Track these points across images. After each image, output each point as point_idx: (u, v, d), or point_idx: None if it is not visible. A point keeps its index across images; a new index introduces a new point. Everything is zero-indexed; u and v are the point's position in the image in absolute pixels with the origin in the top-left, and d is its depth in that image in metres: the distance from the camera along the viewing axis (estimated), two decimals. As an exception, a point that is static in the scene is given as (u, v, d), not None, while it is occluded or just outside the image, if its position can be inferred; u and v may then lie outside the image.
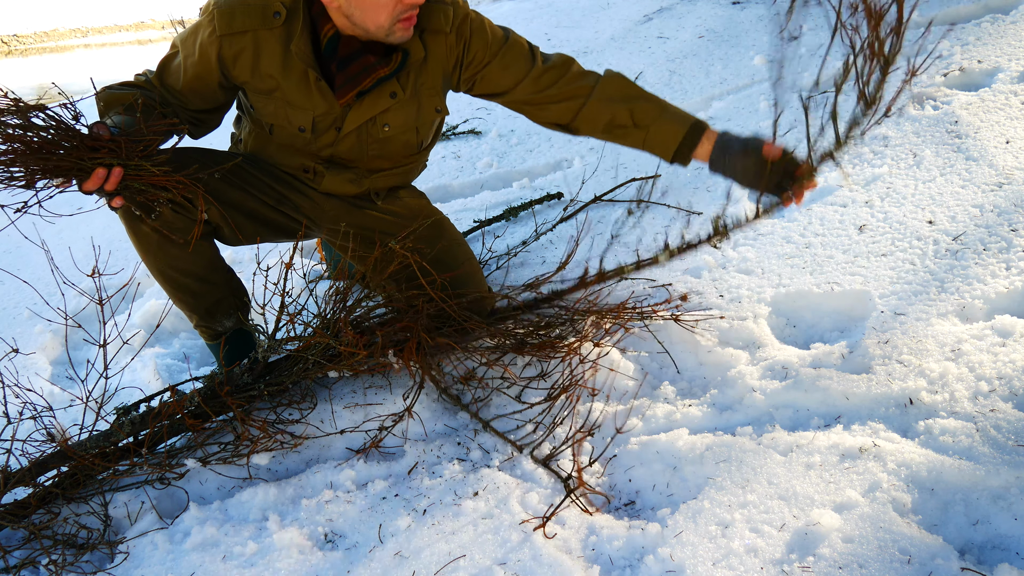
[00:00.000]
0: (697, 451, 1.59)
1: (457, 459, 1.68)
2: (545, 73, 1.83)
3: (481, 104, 3.94)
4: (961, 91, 2.79)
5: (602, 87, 1.83)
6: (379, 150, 1.89)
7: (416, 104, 1.84)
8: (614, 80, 1.84)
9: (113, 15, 16.39)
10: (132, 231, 1.76)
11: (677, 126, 1.78)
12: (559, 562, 1.37)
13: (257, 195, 1.89)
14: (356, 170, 1.93)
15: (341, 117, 1.79)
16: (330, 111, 1.78)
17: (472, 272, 2.03)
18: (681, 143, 1.78)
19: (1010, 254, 1.97)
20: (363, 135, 1.85)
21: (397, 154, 1.93)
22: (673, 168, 2.81)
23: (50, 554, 1.49)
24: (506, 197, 2.95)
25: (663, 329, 1.98)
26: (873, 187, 2.39)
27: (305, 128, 1.80)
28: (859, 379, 1.71)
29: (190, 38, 1.73)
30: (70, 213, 1.82)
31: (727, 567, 1.32)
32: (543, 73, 1.83)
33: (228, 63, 1.71)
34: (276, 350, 1.75)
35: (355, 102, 1.77)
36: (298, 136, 1.82)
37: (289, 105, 1.76)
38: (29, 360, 2.27)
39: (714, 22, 4.21)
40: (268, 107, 1.78)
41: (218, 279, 1.92)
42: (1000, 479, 1.43)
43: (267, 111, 1.79)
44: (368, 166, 1.93)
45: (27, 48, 14.22)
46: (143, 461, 1.65)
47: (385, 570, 1.41)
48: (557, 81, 1.83)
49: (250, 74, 1.72)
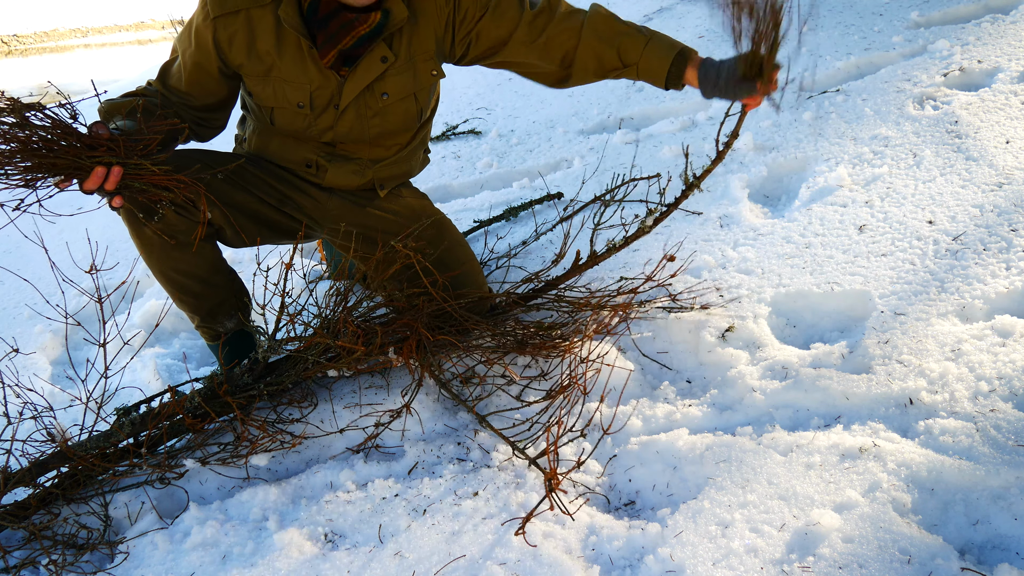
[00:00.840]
0: (697, 451, 1.59)
1: (457, 459, 1.68)
2: (537, 17, 1.84)
3: (481, 104, 3.95)
4: (961, 91, 2.79)
5: (590, 25, 1.84)
6: (380, 124, 1.88)
7: (412, 69, 1.83)
8: (599, 16, 1.85)
9: (113, 15, 16.39)
10: (135, 233, 1.76)
11: (663, 57, 1.81)
12: (559, 562, 1.37)
13: (260, 196, 1.89)
14: (359, 161, 1.93)
15: (338, 92, 1.79)
16: (326, 84, 1.77)
17: (472, 272, 2.03)
18: (669, 72, 1.81)
19: (1010, 254, 1.97)
20: (362, 109, 1.84)
21: (398, 127, 1.91)
22: (674, 168, 2.81)
23: (50, 554, 1.50)
24: (506, 197, 2.95)
25: (663, 329, 1.98)
26: (873, 187, 2.39)
27: (304, 104, 1.79)
28: (859, 379, 1.71)
29: (186, 32, 1.75)
30: (70, 213, 1.83)
31: (727, 567, 1.32)
32: (535, 17, 1.84)
33: (224, 46, 1.71)
34: (276, 350, 1.75)
35: (349, 74, 1.77)
36: (298, 117, 1.82)
37: (286, 83, 1.76)
38: (29, 360, 2.27)
39: (714, 22, 4.21)
40: (266, 90, 1.78)
41: (220, 281, 1.92)
42: (1000, 479, 1.43)
43: (265, 94, 1.79)
44: (371, 155, 1.93)
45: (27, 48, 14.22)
46: (143, 462, 1.65)
47: (385, 570, 1.41)
48: (548, 24, 1.84)
49: (246, 55, 1.73)
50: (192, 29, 1.72)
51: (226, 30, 1.69)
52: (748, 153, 2.78)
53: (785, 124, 2.91)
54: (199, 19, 1.71)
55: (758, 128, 2.94)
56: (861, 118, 2.80)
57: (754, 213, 2.46)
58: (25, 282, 2.39)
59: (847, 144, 2.67)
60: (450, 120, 3.82)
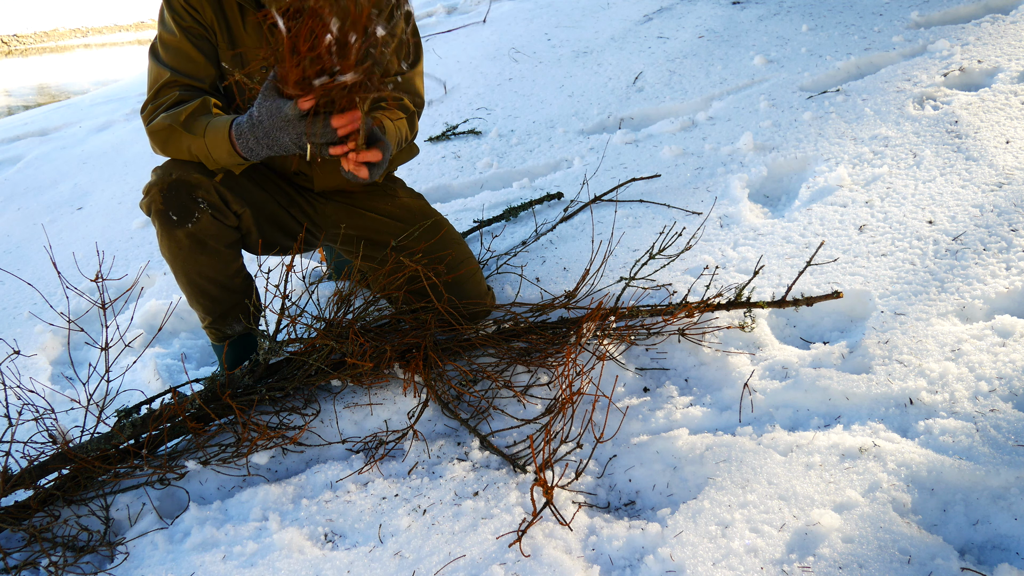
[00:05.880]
0: (697, 451, 1.59)
1: (457, 459, 1.68)
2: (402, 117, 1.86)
3: (481, 104, 3.95)
4: (961, 91, 2.79)
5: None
6: None
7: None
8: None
9: (113, 15, 16.40)
10: (166, 235, 1.75)
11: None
12: (559, 562, 1.37)
13: (273, 195, 1.91)
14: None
15: None
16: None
17: (471, 272, 2.04)
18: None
19: (1010, 254, 1.97)
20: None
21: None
22: (674, 168, 2.82)
23: (50, 556, 1.50)
24: (506, 197, 2.95)
25: (663, 330, 1.98)
26: (873, 187, 2.39)
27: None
28: (859, 379, 1.71)
29: (160, 30, 1.76)
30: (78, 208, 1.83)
31: (727, 567, 1.32)
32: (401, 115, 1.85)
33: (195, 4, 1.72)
34: (277, 352, 1.75)
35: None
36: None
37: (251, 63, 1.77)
38: (30, 361, 2.27)
39: (714, 22, 4.21)
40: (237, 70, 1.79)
41: (238, 286, 1.93)
42: (1000, 479, 1.43)
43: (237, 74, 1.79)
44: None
45: (27, 48, 14.21)
46: (143, 463, 1.65)
47: (385, 570, 1.41)
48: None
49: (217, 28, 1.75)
50: (165, 20, 1.74)
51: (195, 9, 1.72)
52: (748, 153, 2.78)
53: (785, 124, 2.91)
54: (166, 9, 1.74)
55: (758, 128, 2.94)
56: (861, 118, 2.80)
57: (754, 213, 2.46)
58: (26, 284, 2.40)
59: (847, 144, 2.67)
60: (450, 120, 3.82)
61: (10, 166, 4.38)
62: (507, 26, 5.13)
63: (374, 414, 1.83)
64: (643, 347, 1.96)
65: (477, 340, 1.91)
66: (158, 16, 1.81)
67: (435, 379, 1.83)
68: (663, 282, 2.14)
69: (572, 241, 2.47)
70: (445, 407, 1.80)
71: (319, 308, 1.83)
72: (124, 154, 4.17)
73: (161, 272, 2.74)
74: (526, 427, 1.76)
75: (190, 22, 1.73)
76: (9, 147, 4.80)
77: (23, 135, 5.08)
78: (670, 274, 2.18)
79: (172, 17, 1.73)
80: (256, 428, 1.70)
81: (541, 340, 1.93)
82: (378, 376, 1.83)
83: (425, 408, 1.79)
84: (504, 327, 1.98)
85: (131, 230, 3.17)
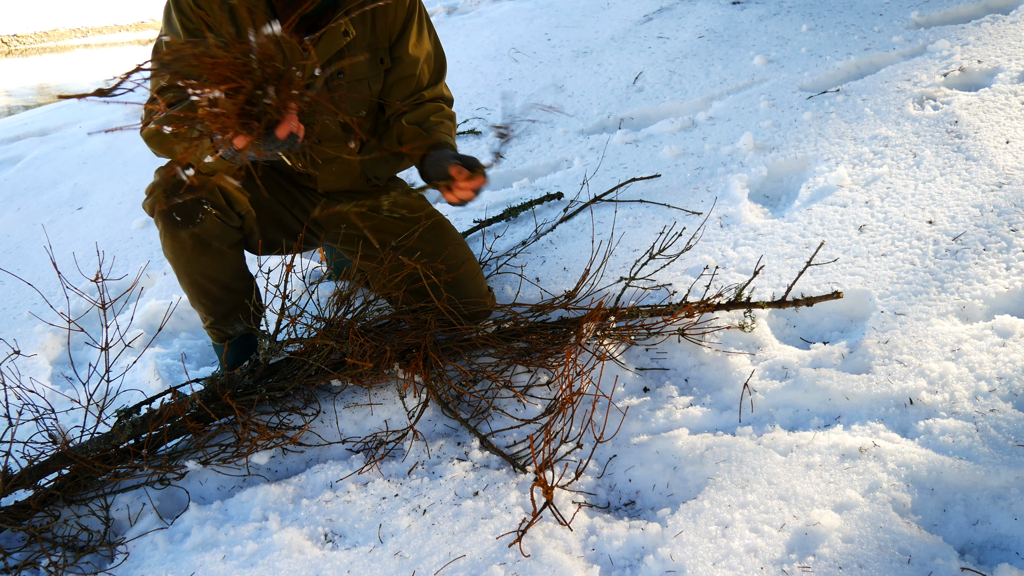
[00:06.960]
0: (697, 451, 1.59)
1: (457, 459, 1.68)
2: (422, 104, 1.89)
3: (481, 104, 3.95)
4: (961, 91, 2.79)
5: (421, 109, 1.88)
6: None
7: (367, 53, 1.83)
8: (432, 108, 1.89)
9: (113, 15, 16.40)
10: (169, 236, 1.75)
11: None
12: (559, 562, 1.37)
13: (276, 196, 1.92)
14: (338, 161, 1.94)
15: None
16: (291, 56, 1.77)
17: (471, 273, 2.04)
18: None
19: (1010, 254, 1.97)
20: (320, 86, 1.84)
21: (353, 109, 1.92)
22: (674, 168, 2.82)
23: (50, 556, 1.50)
24: (506, 197, 2.95)
25: (663, 330, 1.98)
26: (873, 187, 2.39)
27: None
28: (859, 379, 1.71)
29: (164, 30, 1.72)
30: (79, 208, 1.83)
31: (727, 567, 1.32)
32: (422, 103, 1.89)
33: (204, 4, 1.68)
34: (277, 352, 1.75)
35: (313, 47, 1.76)
36: None
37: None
38: (30, 361, 2.27)
39: (714, 22, 4.21)
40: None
41: (241, 287, 1.93)
42: (1000, 479, 1.43)
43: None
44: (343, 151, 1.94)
45: (27, 48, 14.22)
46: (143, 463, 1.65)
47: (385, 570, 1.41)
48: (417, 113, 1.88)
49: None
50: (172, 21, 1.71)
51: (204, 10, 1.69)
52: (748, 153, 2.78)
53: (785, 124, 2.91)
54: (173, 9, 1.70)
55: (758, 128, 2.94)
56: (861, 118, 2.80)
57: (754, 213, 2.46)
58: (26, 284, 2.40)
59: (847, 144, 2.67)
60: (450, 120, 3.82)
61: (10, 166, 4.38)
62: (507, 26, 5.14)
63: (374, 414, 1.83)
64: (643, 347, 1.96)
65: (477, 340, 1.91)
66: (163, 17, 1.80)
67: (435, 379, 1.83)
68: (663, 282, 2.14)
69: (572, 241, 2.47)
70: (445, 407, 1.80)
71: (319, 308, 1.83)
72: (124, 154, 4.17)
73: (161, 272, 2.74)
74: (526, 427, 1.76)
75: (197, 23, 1.73)
76: (9, 147, 4.81)
77: (23, 135, 5.09)
78: (670, 274, 2.18)
79: (179, 18, 1.72)
80: (256, 428, 1.70)
81: (541, 340, 1.93)
82: (378, 376, 1.83)
83: (425, 408, 1.79)
84: (504, 327, 1.99)
85: (131, 230, 3.17)
